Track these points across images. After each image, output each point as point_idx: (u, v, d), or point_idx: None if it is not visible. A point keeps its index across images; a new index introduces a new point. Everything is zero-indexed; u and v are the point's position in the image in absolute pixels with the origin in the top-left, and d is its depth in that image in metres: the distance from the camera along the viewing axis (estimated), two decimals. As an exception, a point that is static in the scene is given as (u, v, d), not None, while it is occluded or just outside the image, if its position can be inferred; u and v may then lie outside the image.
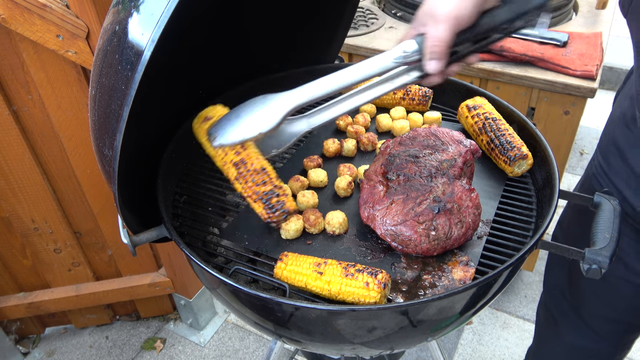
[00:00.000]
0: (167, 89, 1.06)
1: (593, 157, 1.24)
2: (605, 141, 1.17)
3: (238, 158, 0.96)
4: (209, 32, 1.15)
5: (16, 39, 1.43)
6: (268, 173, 0.96)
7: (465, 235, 0.91)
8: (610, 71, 4.10)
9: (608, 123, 1.19)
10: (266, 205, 0.93)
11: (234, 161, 0.96)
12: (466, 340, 2.26)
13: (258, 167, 0.96)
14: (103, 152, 0.81)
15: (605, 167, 1.15)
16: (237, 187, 0.97)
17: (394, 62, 0.85)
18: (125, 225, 0.92)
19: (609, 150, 1.14)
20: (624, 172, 1.08)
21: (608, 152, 1.14)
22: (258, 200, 0.94)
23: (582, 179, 1.31)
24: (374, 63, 0.85)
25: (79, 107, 1.59)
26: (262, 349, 2.24)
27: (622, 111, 1.11)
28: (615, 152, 1.11)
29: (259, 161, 0.97)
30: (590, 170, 1.24)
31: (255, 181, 0.95)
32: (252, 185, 0.95)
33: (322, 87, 0.86)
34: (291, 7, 1.30)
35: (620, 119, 1.11)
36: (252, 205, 0.96)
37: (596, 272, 0.81)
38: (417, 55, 0.84)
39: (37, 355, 2.24)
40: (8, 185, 1.73)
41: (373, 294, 0.79)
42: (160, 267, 2.13)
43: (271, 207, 0.93)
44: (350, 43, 1.96)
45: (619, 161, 1.10)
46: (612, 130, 1.14)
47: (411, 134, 1.07)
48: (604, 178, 1.14)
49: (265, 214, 0.93)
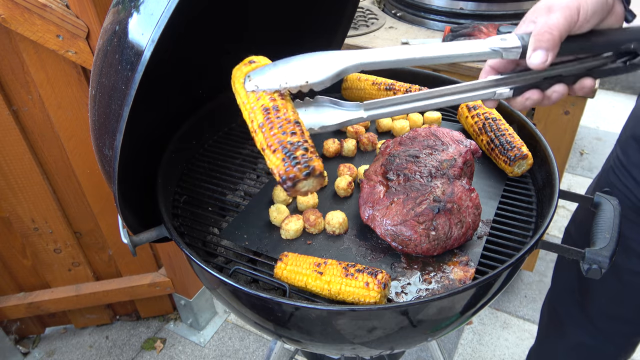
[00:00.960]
0: (167, 89, 1.06)
1: (612, 152, 1.26)
2: (625, 135, 1.18)
3: (271, 104, 0.77)
4: (209, 31, 1.15)
5: (16, 39, 1.43)
6: (301, 127, 0.76)
7: (465, 235, 0.91)
8: (610, 71, 4.09)
9: (630, 117, 1.20)
10: (287, 156, 0.71)
11: (266, 106, 0.77)
12: (466, 340, 2.26)
13: (292, 119, 0.76)
14: (103, 152, 0.81)
15: (624, 160, 1.16)
16: (258, 137, 0.77)
17: (491, 49, 0.73)
18: (125, 225, 0.92)
19: (629, 144, 1.15)
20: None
21: (627, 145, 1.15)
22: (279, 149, 0.72)
23: (599, 173, 1.32)
24: (463, 46, 0.74)
25: (79, 107, 1.59)
26: (262, 349, 2.24)
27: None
28: (634, 146, 1.12)
29: (295, 115, 0.77)
30: (608, 164, 1.25)
31: (283, 128, 0.74)
32: (278, 132, 0.74)
33: (391, 54, 0.73)
34: (291, 8, 1.30)
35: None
36: (268, 157, 0.74)
37: (596, 272, 0.81)
38: (518, 50, 0.73)
39: (37, 355, 2.24)
40: (8, 185, 1.73)
41: (373, 294, 0.79)
42: (160, 267, 2.13)
43: (294, 157, 0.71)
44: (350, 43, 1.96)
45: (637, 154, 1.11)
46: (633, 124, 1.15)
47: (411, 134, 1.07)
48: (622, 171, 1.16)
49: (283, 166, 0.71)
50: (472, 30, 1.86)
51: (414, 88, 1.33)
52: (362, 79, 1.37)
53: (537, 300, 2.44)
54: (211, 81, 1.30)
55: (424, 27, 2.10)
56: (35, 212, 1.82)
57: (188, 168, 1.19)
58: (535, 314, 2.37)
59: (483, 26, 1.90)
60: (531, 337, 2.26)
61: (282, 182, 0.71)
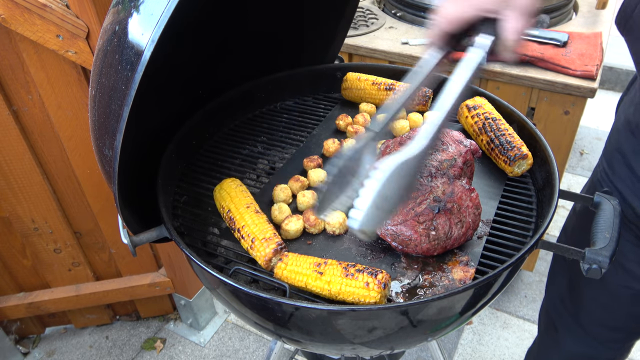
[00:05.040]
0: (167, 89, 1.06)
1: (598, 164, 1.24)
2: (609, 148, 1.17)
3: None
4: (209, 31, 1.15)
5: (16, 39, 1.43)
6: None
7: (465, 235, 0.91)
8: (610, 71, 4.09)
9: (612, 130, 1.19)
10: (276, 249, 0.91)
11: None
12: (466, 340, 2.26)
13: None
14: (103, 152, 0.81)
15: (609, 173, 1.14)
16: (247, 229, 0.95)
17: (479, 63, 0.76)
18: (125, 225, 0.92)
19: (614, 156, 1.13)
20: (628, 179, 1.08)
21: (612, 158, 1.14)
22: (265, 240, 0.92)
23: (587, 184, 1.31)
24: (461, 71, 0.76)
25: (79, 107, 1.59)
26: (262, 349, 2.24)
27: (626, 118, 1.11)
28: (619, 159, 1.11)
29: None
30: (595, 177, 1.24)
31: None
32: None
33: None
34: (291, 8, 1.30)
35: (625, 126, 1.10)
36: (254, 245, 0.93)
37: (596, 272, 0.81)
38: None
39: (37, 355, 2.24)
40: (8, 185, 1.73)
41: (373, 294, 0.79)
42: (160, 267, 2.13)
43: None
44: (350, 43, 1.96)
45: (623, 168, 1.10)
46: (617, 137, 1.14)
47: (411, 134, 1.07)
48: (608, 184, 1.14)
49: (272, 253, 0.90)
50: (472, 30, 1.85)
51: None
52: (362, 79, 1.37)
53: (537, 300, 2.44)
54: (211, 81, 1.30)
55: (424, 27, 2.10)
56: (35, 212, 1.82)
57: (188, 168, 1.19)
58: (535, 314, 2.36)
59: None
60: (531, 337, 2.26)
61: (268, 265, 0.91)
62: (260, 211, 0.99)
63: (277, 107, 1.43)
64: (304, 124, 1.35)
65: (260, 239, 0.92)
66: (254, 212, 0.97)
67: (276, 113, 1.40)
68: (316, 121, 1.36)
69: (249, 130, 1.33)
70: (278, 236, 0.93)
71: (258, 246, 0.91)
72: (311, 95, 1.47)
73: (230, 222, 0.98)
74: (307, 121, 1.37)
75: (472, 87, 0.78)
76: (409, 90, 0.81)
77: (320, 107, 1.43)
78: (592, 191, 1.22)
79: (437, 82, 0.85)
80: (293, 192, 1.09)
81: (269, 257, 0.90)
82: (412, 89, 0.80)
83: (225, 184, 1.05)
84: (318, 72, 1.46)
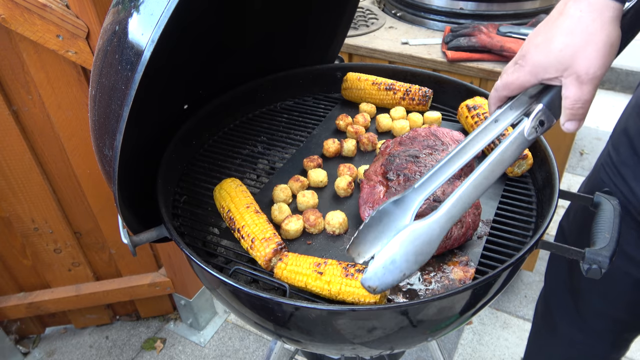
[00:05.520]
0: (167, 89, 1.06)
1: (604, 149, 1.24)
2: (617, 131, 1.17)
3: None
4: (209, 31, 1.15)
5: (16, 39, 1.43)
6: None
7: (465, 235, 0.91)
8: (610, 71, 4.10)
9: (623, 112, 1.19)
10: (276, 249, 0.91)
11: None
12: (466, 340, 2.26)
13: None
14: (103, 152, 0.81)
15: (614, 156, 1.15)
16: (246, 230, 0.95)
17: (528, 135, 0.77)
18: (125, 225, 0.92)
19: (620, 140, 1.14)
20: (632, 162, 1.08)
21: (619, 141, 1.14)
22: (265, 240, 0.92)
23: (590, 172, 1.31)
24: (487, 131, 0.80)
25: (79, 107, 1.59)
26: (262, 349, 2.24)
27: (637, 100, 1.11)
28: (625, 142, 1.11)
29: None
30: (599, 161, 1.24)
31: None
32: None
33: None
34: (291, 7, 1.30)
35: (634, 107, 1.10)
36: (254, 245, 0.93)
37: (596, 272, 0.81)
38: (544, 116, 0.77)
39: (37, 355, 2.24)
40: (8, 185, 1.73)
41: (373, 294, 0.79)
42: (160, 267, 2.13)
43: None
44: (350, 43, 1.96)
45: (628, 150, 1.10)
46: (625, 119, 1.14)
47: (411, 134, 1.07)
48: (611, 168, 1.15)
49: (272, 253, 0.91)
50: (472, 30, 1.86)
51: (414, 89, 1.33)
52: (362, 79, 1.37)
53: (537, 300, 2.44)
54: (211, 81, 1.30)
55: (424, 27, 2.10)
56: (35, 212, 1.82)
57: (188, 168, 1.19)
58: (535, 314, 2.37)
59: (483, 26, 1.90)
60: (531, 337, 2.26)
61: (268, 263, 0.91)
62: (260, 211, 0.99)
63: (277, 107, 1.43)
64: (304, 124, 1.36)
65: (260, 239, 0.92)
66: (254, 212, 0.97)
67: (276, 113, 1.40)
68: (316, 121, 1.36)
69: (249, 130, 1.33)
70: (278, 236, 0.93)
71: (258, 246, 0.92)
72: (311, 95, 1.47)
73: (230, 222, 0.98)
74: (307, 121, 1.37)
75: (510, 159, 0.79)
76: (464, 160, 0.82)
77: (320, 107, 1.43)
78: (595, 177, 1.23)
79: None
80: (293, 192, 1.09)
81: (269, 257, 0.90)
82: (467, 159, 0.81)
83: (225, 184, 1.05)
84: (318, 72, 1.46)
